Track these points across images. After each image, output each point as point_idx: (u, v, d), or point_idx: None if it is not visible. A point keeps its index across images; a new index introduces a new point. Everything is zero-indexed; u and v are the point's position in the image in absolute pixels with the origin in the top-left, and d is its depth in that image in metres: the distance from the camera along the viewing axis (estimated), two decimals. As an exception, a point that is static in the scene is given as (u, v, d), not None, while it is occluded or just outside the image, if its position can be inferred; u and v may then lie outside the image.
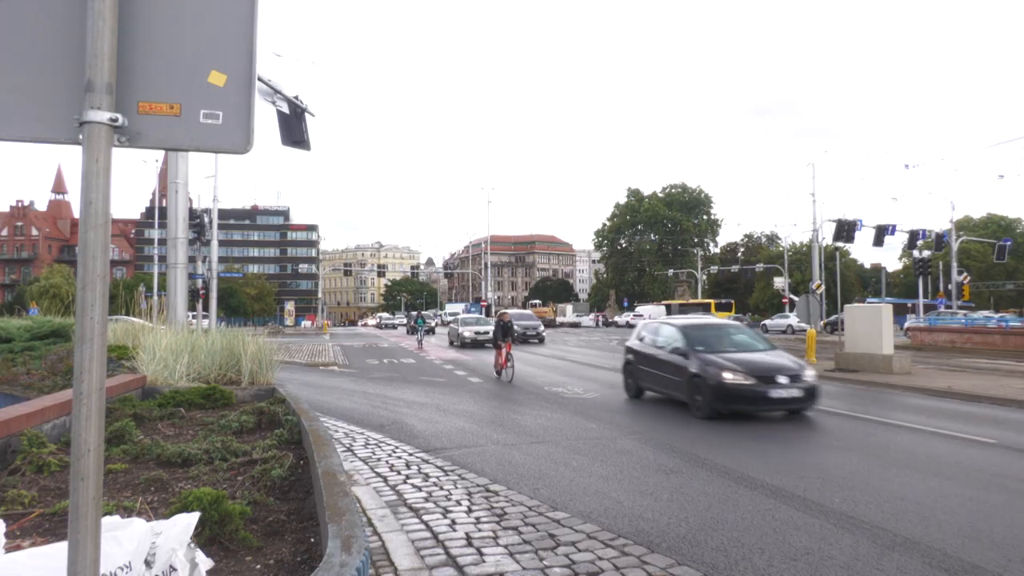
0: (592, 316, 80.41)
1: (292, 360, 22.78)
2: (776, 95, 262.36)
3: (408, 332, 42.65)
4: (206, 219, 28.10)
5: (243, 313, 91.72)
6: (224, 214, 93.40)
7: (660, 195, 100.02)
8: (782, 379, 10.68)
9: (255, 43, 1.96)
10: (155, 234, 50.52)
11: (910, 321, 40.96)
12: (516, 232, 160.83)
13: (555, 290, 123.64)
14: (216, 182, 30.52)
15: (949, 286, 45.15)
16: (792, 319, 52.91)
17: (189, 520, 2.38)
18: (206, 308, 27.96)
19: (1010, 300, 71.15)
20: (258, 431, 5.35)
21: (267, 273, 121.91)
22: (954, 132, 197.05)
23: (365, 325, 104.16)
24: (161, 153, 34.75)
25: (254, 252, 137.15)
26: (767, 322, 53.34)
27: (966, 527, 5.41)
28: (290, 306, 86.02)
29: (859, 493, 6.44)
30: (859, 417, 11.27)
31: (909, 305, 47.54)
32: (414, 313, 43.65)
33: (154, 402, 6.15)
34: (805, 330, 54.83)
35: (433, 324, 48.65)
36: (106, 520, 2.11)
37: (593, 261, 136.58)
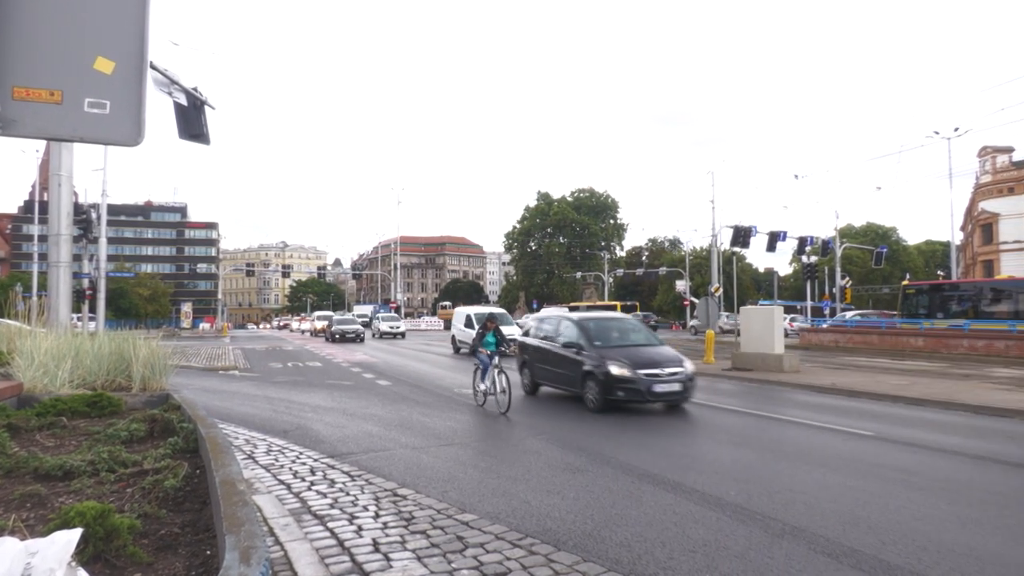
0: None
1: (189, 364, 21.71)
2: (676, 105, 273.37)
3: (477, 364, 12.86)
4: (94, 215, 26.47)
5: (135, 315, 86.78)
6: (114, 210, 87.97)
7: (569, 199, 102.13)
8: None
9: (147, 29, 1.85)
10: (35, 230, 46.90)
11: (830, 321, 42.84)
12: (426, 233, 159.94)
13: (465, 292, 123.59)
14: (105, 176, 28.69)
15: (833, 289, 48.42)
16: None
17: (70, 537, 2.23)
18: (93, 310, 26.29)
19: (886, 302, 77.00)
20: (150, 440, 5.06)
21: (162, 273, 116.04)
22: (838, 146, 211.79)
23: (283, 327, 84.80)
24: (43, 143, 32.26)
25: (148, 251, 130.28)
26: None
27: (847, 514, 5.81)
28: (187, 307, 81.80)
29: (752, 485, 6.78)
30: (753, 414, 11.89)
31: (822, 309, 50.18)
32: (483, 312, 23.99)
33: (32, 411, 5.69)
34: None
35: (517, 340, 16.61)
36: (-27, 540, 1.94)
37: (503, 263, 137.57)
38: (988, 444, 9.10)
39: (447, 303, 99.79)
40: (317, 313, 63.87)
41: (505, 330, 16.11)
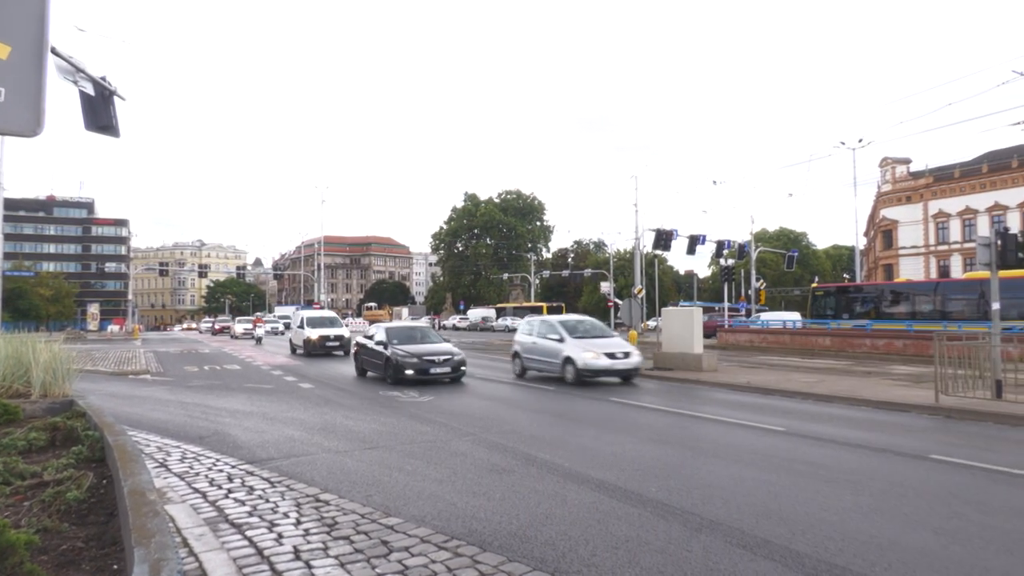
0: (428, 319, 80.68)
1: (96, 369, 20.59)
2: (599, 110, 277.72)
3: None
4: (-12, 209, 24.75)
5: (36, 317, 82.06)
6: (12, 204, 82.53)
7: (496, 201, 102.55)
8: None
9: (47, 12, 1.73)
10: (-80, 225, 43.38)
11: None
12: (351, 233, 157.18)
13: (391, 292, 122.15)
14: (1, 167, 26.80)
15: (749, 291, 50.50)
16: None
17: (-42, 556, 2.07)
18: (-13, 311, 24.57)
19: (797, 304, 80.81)
20: (51, 449, 4.78)
21: (66, 272, 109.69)
22: (753, 153, 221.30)
23: (220, 331, 63.10)
24: (-71, 131, 29.82)
25: (50, 248, 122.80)
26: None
27: (760, 507, 6.06)
28: (94, 309, 77.46)
29: (673, 482, 6.98)
30: (673, 412, 12.24)
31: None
32: None
33: (-85, 421, 5.28)
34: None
35: None
36: None
37: (430, 264, 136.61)
38: (888, 437, 9.68)
39: (372, 304, 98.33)
40: (307, 313, 32.82)
41: None
